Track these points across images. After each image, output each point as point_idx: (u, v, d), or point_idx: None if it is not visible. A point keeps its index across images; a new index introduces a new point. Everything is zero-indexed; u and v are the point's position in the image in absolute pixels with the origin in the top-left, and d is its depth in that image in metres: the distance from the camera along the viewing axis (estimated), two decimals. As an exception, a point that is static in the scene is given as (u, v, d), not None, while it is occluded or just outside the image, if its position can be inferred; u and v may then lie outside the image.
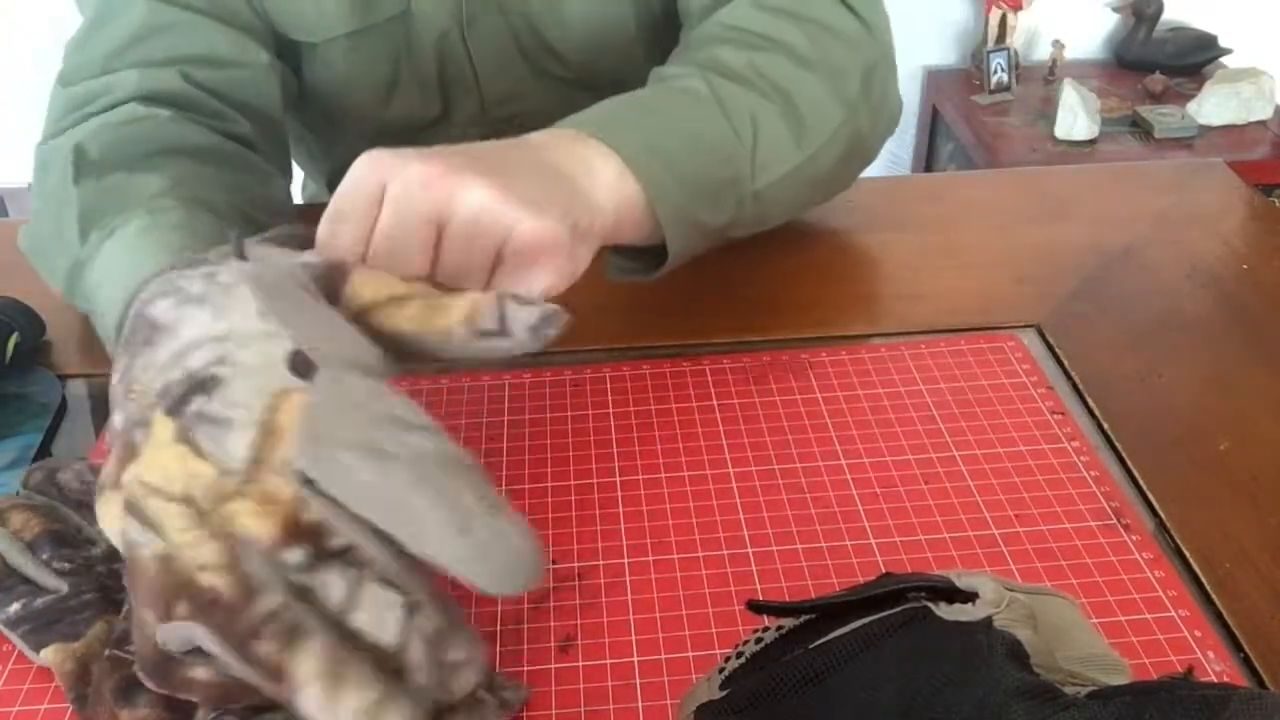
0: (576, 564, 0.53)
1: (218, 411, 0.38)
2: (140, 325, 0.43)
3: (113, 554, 0.51)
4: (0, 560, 0.50)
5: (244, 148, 0.72)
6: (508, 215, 0.49)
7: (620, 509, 0.56)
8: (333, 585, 0.38)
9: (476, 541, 0.38)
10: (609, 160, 0.58)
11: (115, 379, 0.44)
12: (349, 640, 0.38)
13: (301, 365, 0.39)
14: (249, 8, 0.76)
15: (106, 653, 0.45)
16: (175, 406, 0.39)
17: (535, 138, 0.57)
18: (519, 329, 0.46)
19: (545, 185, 0.53)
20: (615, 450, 0.60)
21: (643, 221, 0.59)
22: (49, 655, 0.47)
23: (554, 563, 0.53)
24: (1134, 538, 0.53)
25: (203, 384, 0.39)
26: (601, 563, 0.53)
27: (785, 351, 0.67)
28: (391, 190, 0.49)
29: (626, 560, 0.53)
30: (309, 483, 0.38)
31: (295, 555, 0.38)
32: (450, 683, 0.40)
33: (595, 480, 0.58)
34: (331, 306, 0.45)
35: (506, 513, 0.39)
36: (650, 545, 0.54)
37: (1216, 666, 0.47)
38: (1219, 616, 0.50)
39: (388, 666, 0.38)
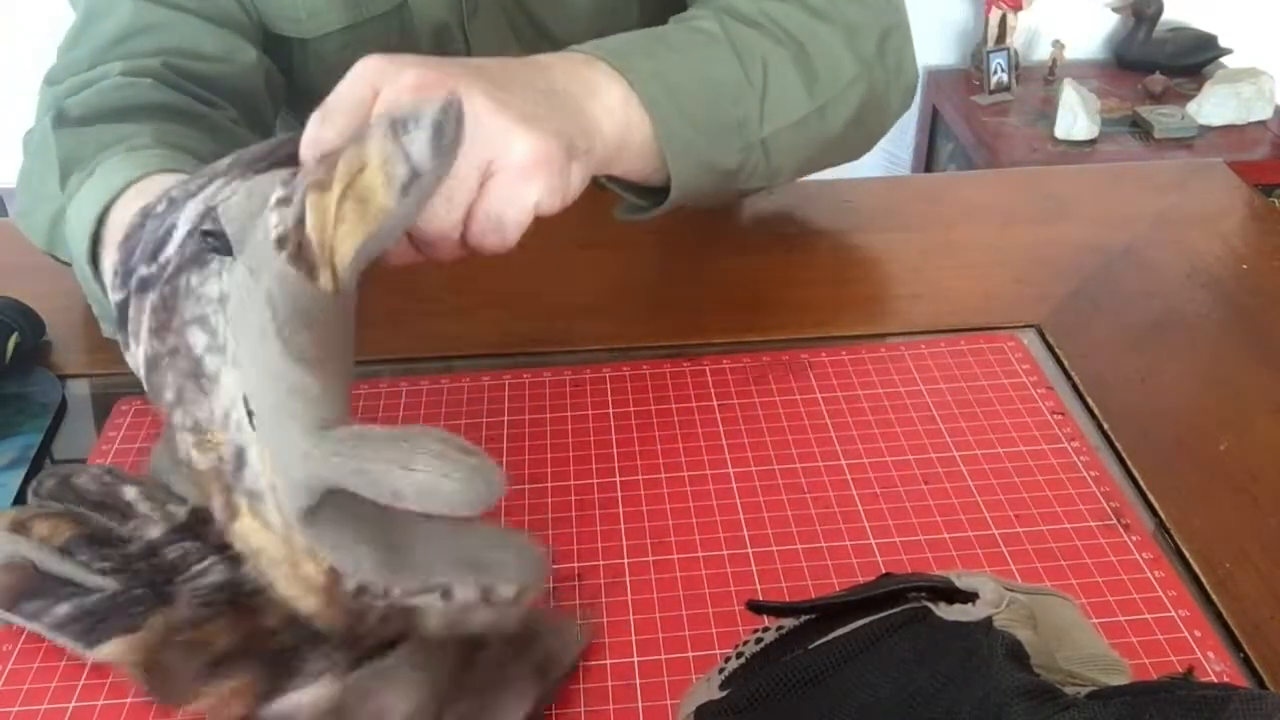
0: (576, 564, 0.53)
1: (253, 486, 0.43)
2: (187, 364, 0.45)
3: (151, 549, 0.52)
4: (32, 568, 0.50)
5: (232, 125, 0.72)
6: (501, 127, 0.49)
7: (620, 509, 0.56)
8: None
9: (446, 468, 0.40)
10: (615, 84, 0.58)
11: (170, 407, 0.46)
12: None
13: (251, 417, 0.42)
14: (239, 6, 0.76)
15: (179, 638, 0.46)
16: (235, 484, 0.43)
17: (542, 58, 0.57)
18: (423, 158, 0.43)
19: (543, 101, 0.53)
20: (615, 450, 0.60)
21: (647, 150, 0.60)
22: (110, 650, 0.47)
23: (554, 563, 0.53)
24: (1134, 538, 0.53)
25: (238, 458, 0.43)
26: (601, 563, 0.53)
27: (785, 351, 0.67)
28: (385, 94, 0.48)
29: (626, 560, 0.53)
30: (310, 512, 0.41)
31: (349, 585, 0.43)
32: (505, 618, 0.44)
33: (595, 480, 0.58)
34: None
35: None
36: (650, 545, 0.54)
37: (1216, 666, 0.47)
38: (1219, 617, 0.50)
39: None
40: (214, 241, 0.44)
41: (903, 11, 0.73)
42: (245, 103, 0.74)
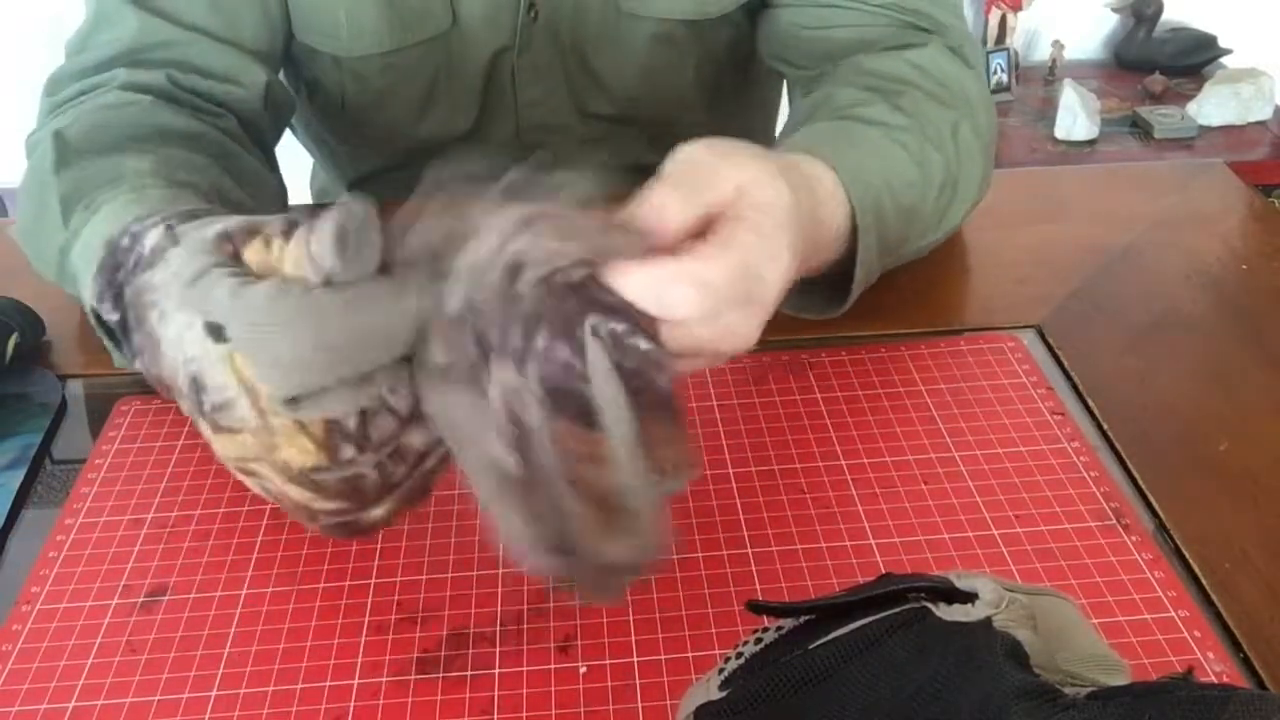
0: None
1: (218, 399, 0.43)
2: (147, 338, 0.45)
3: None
4: None
5: (227, 139, 0.71)
6: (741, 323, 0.46)
7: (620, 509, 0.56)
8: (382, 427, 0.43)
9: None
10: (842, 236, 0.59)
11: (143, 363, 0.46)
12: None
13: (214, 332, 0.42)
14: (259, 24, 0.74)
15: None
16: (198, 410, 0.44)
17: (815, 198, 0.55)
18: (329, 261, 0.42)
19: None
20: (615, 450, 0.60)
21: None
22: None
23: (554, 563, 0.53)
24: (1134, 538, 0.53)
25: (196, 386, 0.43)
26: (601, 563, 0.53)
27: (785, 351, 0.67)
28: (717, 296, 0.44)
29: (626, 560, 0.53)
30: (294, 402, 0.42)
31: (348, 452, 0.42)
32: None
33: (595, 480, 0.58)
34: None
35: None
36: (650, 545, 0.54)
37: (1216, 667, 0.47)
38: (1219, 617, 0.50)
39: None
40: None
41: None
42: (247, 120, 0.73)
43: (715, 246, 0.44)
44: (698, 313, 0.44)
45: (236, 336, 0.42)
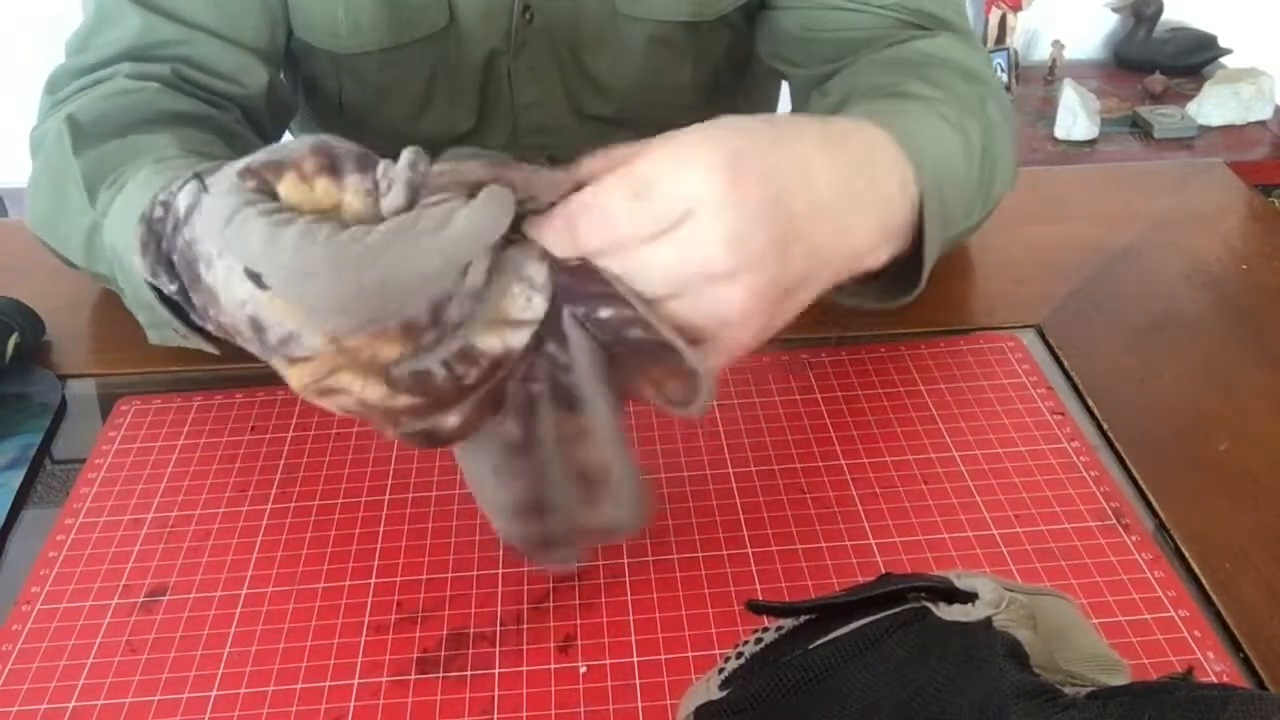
0: (576, 564, 0.53)
1: (280, 334, 0.43)
2: (203, 291, 0.46)
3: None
4: None
5: (235, 123, 0.71)
6: (736, 349, 0.46)
7: (620, 509, 0.56)
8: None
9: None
10: (906, 227, 0.54)
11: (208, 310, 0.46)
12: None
13: (254, 278, 0.42)
14: (262, 23, 0.74)
15: None
16: (264, 349, 0.44)
17: (884, 178, 0.51)
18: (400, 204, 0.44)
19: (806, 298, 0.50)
20: (615, 450, 0.60)
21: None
22: None
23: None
24: (1134, 538, 0.53)
25: (256, 326, 0.43)
26: (601, 563, 0.53)
27: (785, 351, 0.67)
28: (696, 266, 0.44)
29: (626, 560, 0.53)
30: (336, 340, 0.42)
31: (429, 337, 0.42)
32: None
33: (595, 480, 0.58)
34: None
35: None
36: (650, 545, 0.54)
37: (1216, 667, 0.47)
38: (1219, 617, 0.50)
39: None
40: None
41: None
42: (248, 118, 0.74)
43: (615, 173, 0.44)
44: (600, 242, 0.43)
45: (274, 284, 0.41)
